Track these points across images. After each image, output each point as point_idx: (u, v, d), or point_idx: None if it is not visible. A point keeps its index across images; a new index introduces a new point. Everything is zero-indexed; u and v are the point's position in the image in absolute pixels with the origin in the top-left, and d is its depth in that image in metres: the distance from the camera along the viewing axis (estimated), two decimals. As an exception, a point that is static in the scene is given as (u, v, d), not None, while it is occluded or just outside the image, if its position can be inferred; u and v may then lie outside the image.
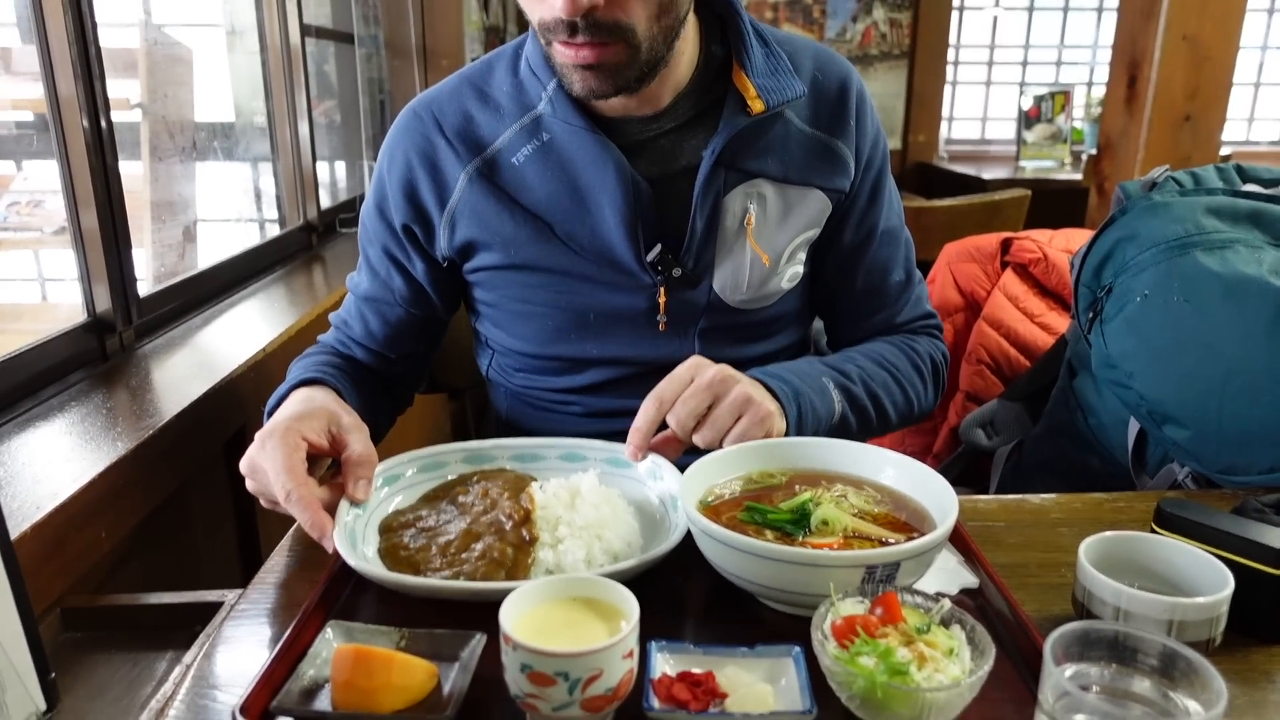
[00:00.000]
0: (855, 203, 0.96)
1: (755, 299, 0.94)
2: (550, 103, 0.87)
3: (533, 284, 0.92)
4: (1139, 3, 2.29)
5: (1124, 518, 0.84)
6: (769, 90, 0.87)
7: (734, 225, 0.91)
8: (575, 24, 0.76)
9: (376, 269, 0.98)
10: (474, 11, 3.31)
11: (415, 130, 0.92)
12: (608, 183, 0.87)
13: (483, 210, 0.90)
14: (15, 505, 0.73)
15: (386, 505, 0.76)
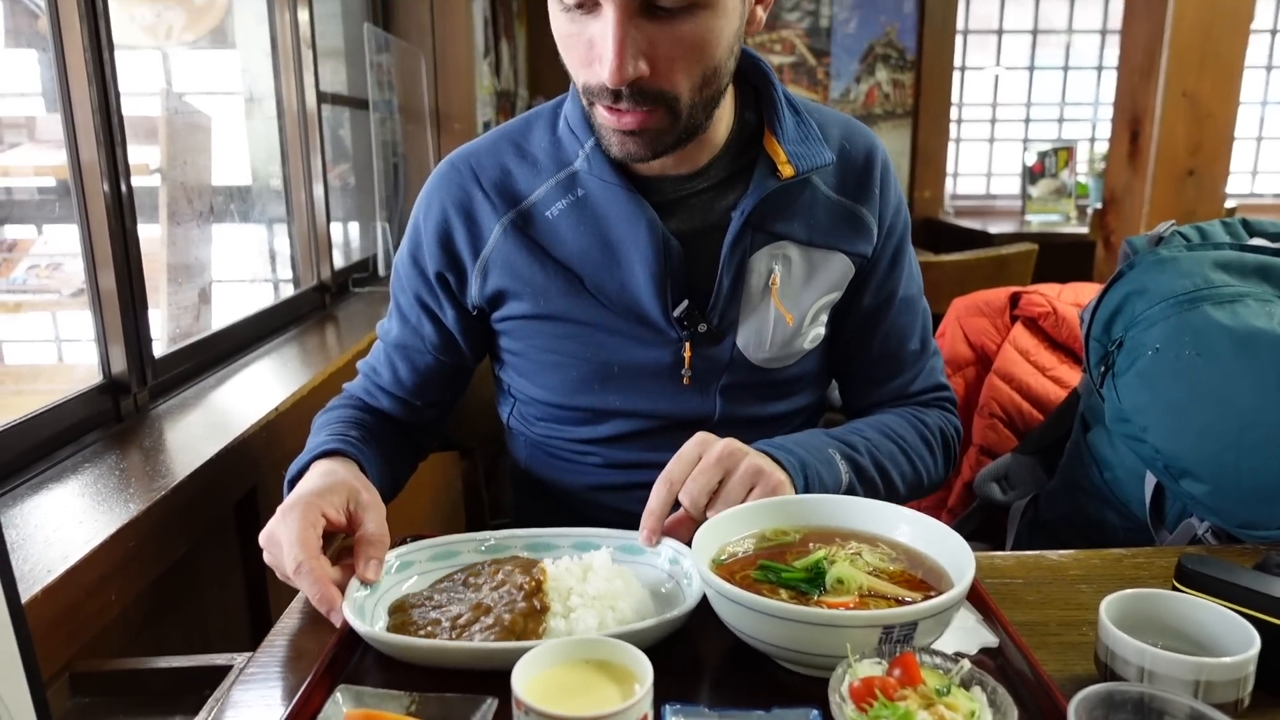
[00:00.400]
0: (876, 268, 0.99)
1: (777, 358, 0.96)
2: (587, 160, 0.90)
3: (560, 334, 0.94)
4: (1138, 61, 2.33)
5: (1144, 574, 0.82)
6: (799, 156, 0.90)
7: (759, 285, 0.93)
8: (620, 91, 0.78)
9: (407, 316, 1.00)
10: (485, 77, 3.39)
11: (453, 181, 0.95)
12: (639, 239, 0.89)
13: (515, 260, 0.92)
14: (27, 568, 0.72)
15: (398, 589, 0.76)
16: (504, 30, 3.88)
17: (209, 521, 1.02)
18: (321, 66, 2.01)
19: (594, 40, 0.78)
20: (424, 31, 2.74)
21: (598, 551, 0.76)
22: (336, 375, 1.43)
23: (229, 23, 1.98)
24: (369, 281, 2.25)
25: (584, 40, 0.79)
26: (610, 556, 0.75)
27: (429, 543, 0.81)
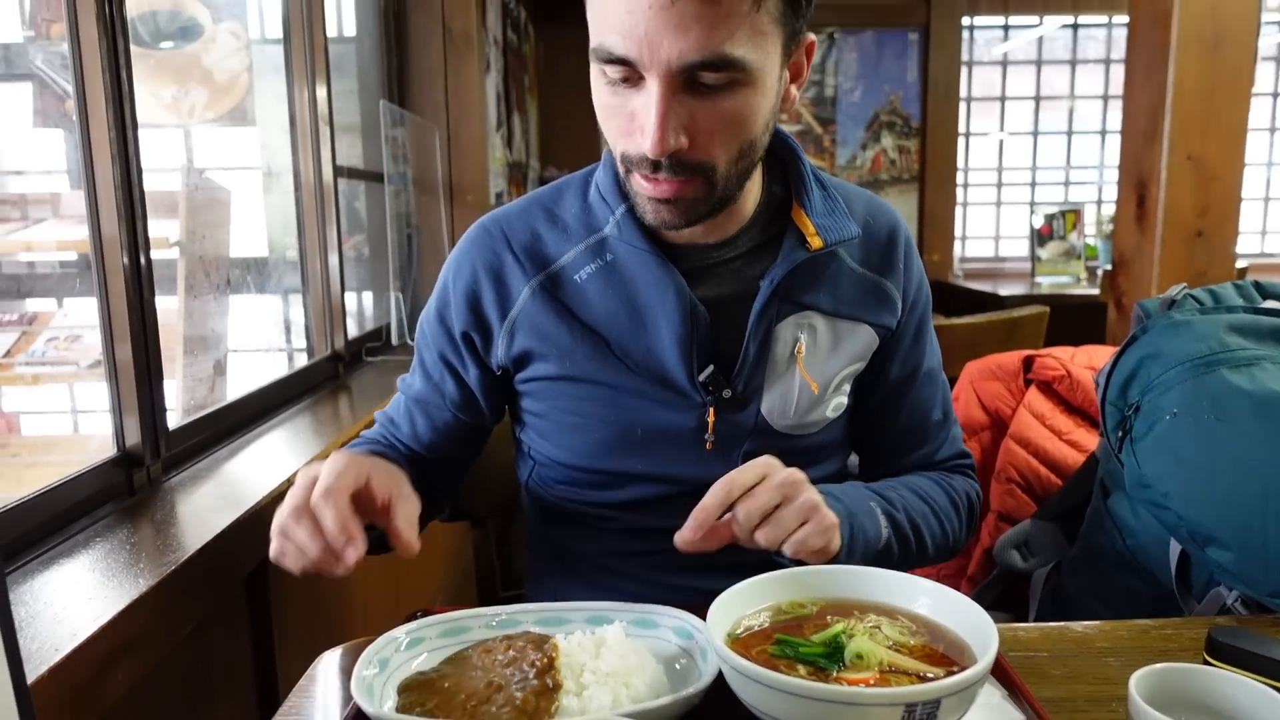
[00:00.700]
0: (901, 341, 1.01)
1: (801, 425, 0.97)
2: (618, 225, 0.92)
3: (583, 396, 0.95)
4: (1141, 126, 2.36)
5: (1173, 645, 0.80)
6: (827, 229, 0.92)
7: (785, 353, 0.94)
8: (660, 162, 0.80)
9: (430, 372, 1.02)
10: (498, 149, 3.46)
11: (484, 244, 0.97)
12: (667, 304, 0.91)
13: (542, 322, 0.94)
14: (34, 647, 0.71)
15: (407, 667, 0.74)
16: (516, 104, 3.98)
17: (219, 596, 1.01)
18: (338, 141, 2.06)
19: (636, 112, 0.80)
20: (439, 107, 2.81)
21: (611, 626, 0.75)
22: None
23: (249, 101, 2.04)
24: (382, 350, 2.27)
25: (625, 112, 0.81)
26: (624, 631, 0.74)
27: (439, 619, 0.79)
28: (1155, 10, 2.28)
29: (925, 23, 4.97)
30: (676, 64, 0.75)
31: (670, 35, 0.74)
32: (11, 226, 1.89)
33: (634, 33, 0.75)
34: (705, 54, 0.75)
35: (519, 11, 4.07)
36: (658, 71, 0.76)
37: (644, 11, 0.74)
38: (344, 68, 2.46)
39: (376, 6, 2.63)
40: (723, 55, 0.75)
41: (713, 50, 0.75)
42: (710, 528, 0.80)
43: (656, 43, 0.75)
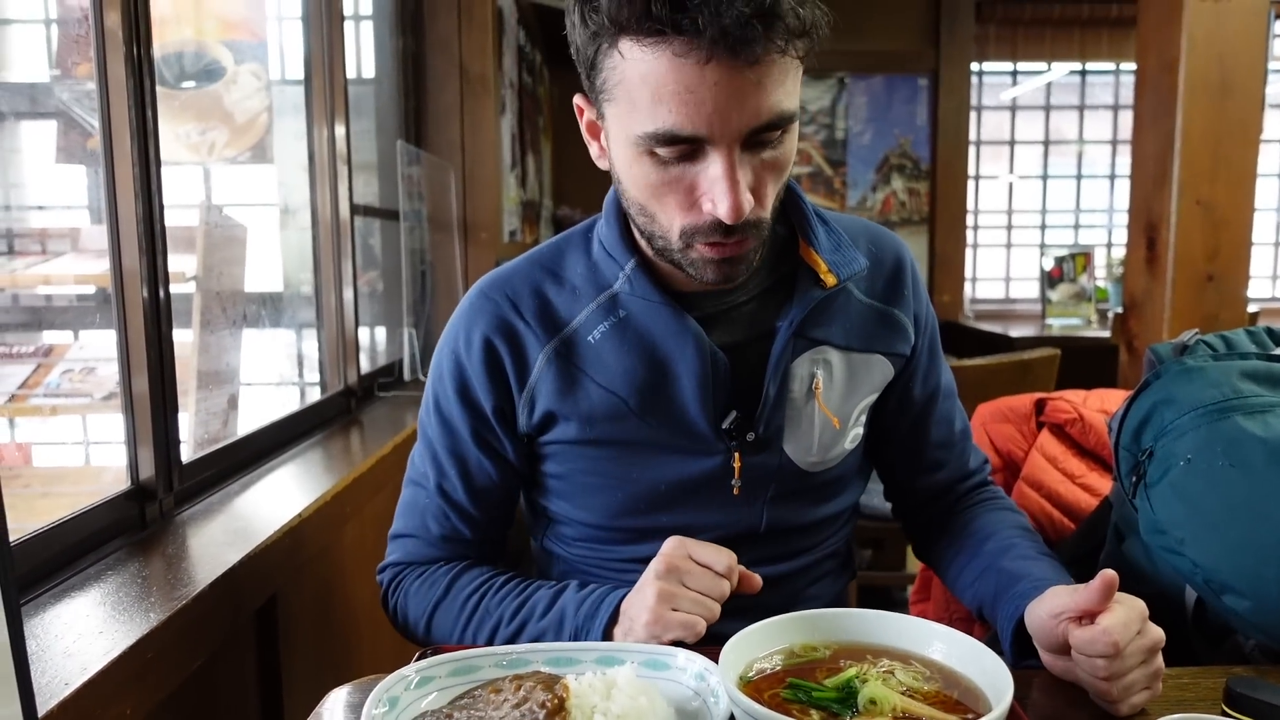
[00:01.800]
0: (919, 363, 1.03)
1: (824, 461, 0.97)
2: (628, 280, 0.91)
3: (605, 458, 0.94)
4: (1150, 171, 2.38)
5: (1190, 695, 0.79)
6: (838, 265, 0.93)
7: (802, 391, 0.94)
8: (733, 227, 0.80)
9: (467, 458, 0.97)
10: (512, 188, 3.50)
11: (489, 312, 0.94)
12: (686, 354, 0.90)
13: (560, 388, 0.92)
14: (44, 681, 0.71)
15: (417, 706, 0.74)
16: (530, 144, 4.03)
17: (228, 632, 1.01)
18: (355, 179, 2.09)
19: (697, 184, 0.80)
20: (454, 147, 2.85)
21: (622, 667, 0.74)
22: (360, 480, 1.44)
23: (268, 139, 2.07)
24: (394, 386, 2.28)
25: (684, 186, 0.80)
26: (635, 672, 0.73)
27: (449, 657, 0.79)
28: (1163, 58, 2.31)
29: (935, 68, 5.03)
30: (745, 131, 0.77)
31: (738, 107, 0.75)
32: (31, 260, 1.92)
33: (701, 111, 0.75)
34: (770, 116, 0.77)
35: (534, 55, 4.15)
36: (727, 142, 0.77)
37: (709, 89, 0.74)
38: (362, 108, 2.50)
39: (395, 49, 2.68)
40: (782, 113, 0.78)
41: (774, 111, 0.77)
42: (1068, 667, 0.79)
43: (726, 116, 0.75)
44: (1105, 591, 0.75)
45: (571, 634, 0.87)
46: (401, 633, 1.02)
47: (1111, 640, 0.73)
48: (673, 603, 0.80)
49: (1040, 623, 0.80)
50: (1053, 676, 0.82)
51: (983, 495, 1.08)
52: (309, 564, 1.27)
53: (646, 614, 0.81)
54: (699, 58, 0.73)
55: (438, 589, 0.97)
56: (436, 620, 0.96)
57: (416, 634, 0.99)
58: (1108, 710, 0.75)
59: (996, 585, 0.92)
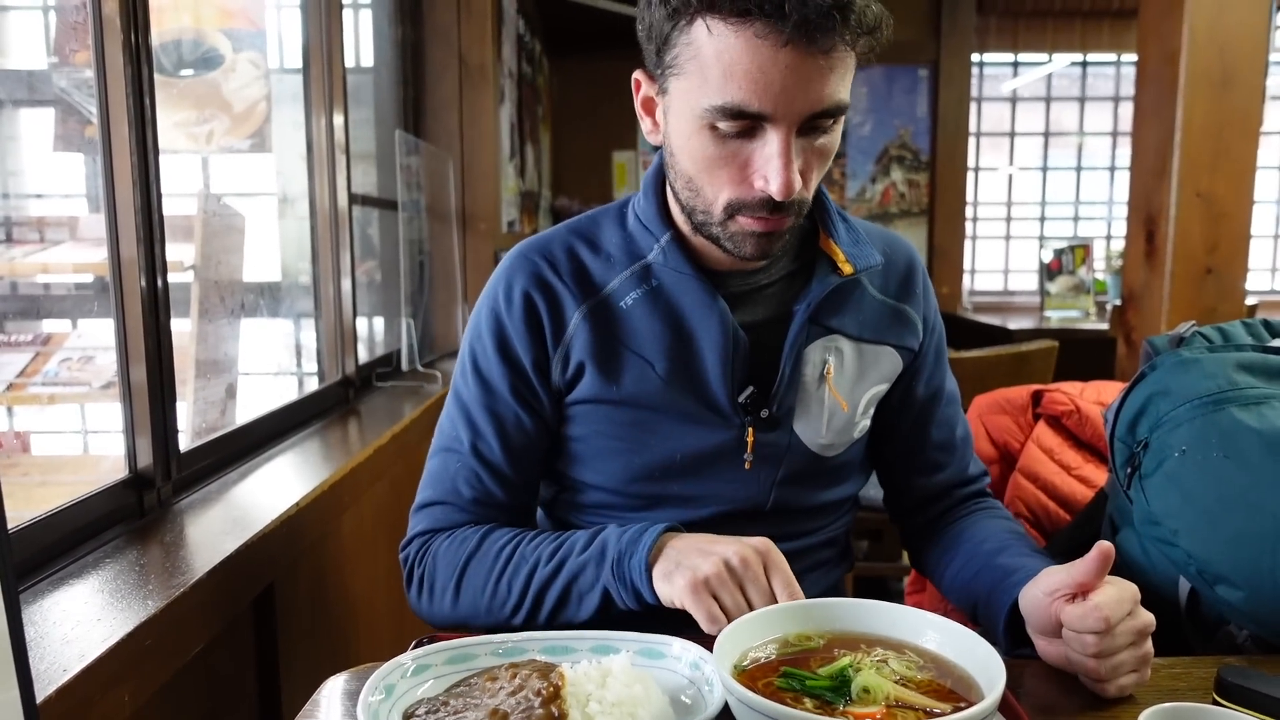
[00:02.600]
0: (924, 362, 1.06)
1: (832, 445, 1.00)
2: (663, 252, 0.95)
3: (627, 421, 0.97)
4: (1150, 163, 2.38)
5: (1182, 684, 0.79)
6: (855, 256, 0.98)
7: (814, 375, 0.98)
8: (780, 204, 0.85)
9: (505, 418, 0.98)
10: (510, 179, 3.50)
11: (528, 270, 0.98)
12: (711, 328, 0.94)
13: (592, 347, 0.96)
14: (43, 667, 0.72)
15: (413, 694, 0.74)
16: (529, 134, 4.02)
17: (226, 619, 1.01)
18: (354, 169, 2.09)
19: (751, 160, 0.84)
20: (453, 137, 2.85)
21: (617, 655, 0.74)
22: (358, 470, 1.44)
23: (266, 128, 2.07)
24: (392, 376, 2.28)
25: (738, 161, 0.85)
26: (630, 661, 0.74)
27: (445, 645, 0.79)
28: (1164, 50, 2.31)
29: (935, 59, 5.02)
30: (806, 114, 0.81)
31: (804, 89, 0.80)
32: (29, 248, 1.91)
33: (769, 89, 0.80)
34: (829, 104, 0.82)
35: (534, 44, 4.13)
36: (787, 123, 0.82)
37: (779, 69, 0.79)
38: (361, 97, 2.50)
39: (394, 38, 2.67)
40: (839, 102, 0.83)
41: (834, 99, 0.82)
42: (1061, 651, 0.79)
43: (791, 97, 0.80)
44: (1100, 564, 0.76)
45: (614, 561, 0.87)
46: (426, 613, 0.98)
47: (1102, 615, 0.73)
48: (720, 589, 0.80)
49: (1035, 602, 0.81)
50: (1046, 665, 0.82)
51: (980, 504, 1.10)
52: (306, 553, 1.27)
53: (692, 578, 0.80)
54: (778, 40, 0.78)
55: (469, 545, 0.95)
56: (468, 577, 0.94)
57: (444, 603, 0.96)
58: (1095, 691, 0.76)
59: (991, 580, 0.94)
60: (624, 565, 0.87)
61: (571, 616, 0.91)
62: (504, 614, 0.93)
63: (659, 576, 0.84)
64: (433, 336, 2.76)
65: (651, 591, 0.84)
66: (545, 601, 0.91)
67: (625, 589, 0.87)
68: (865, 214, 5.03)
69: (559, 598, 0.90)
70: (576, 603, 0.90)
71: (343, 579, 1.45)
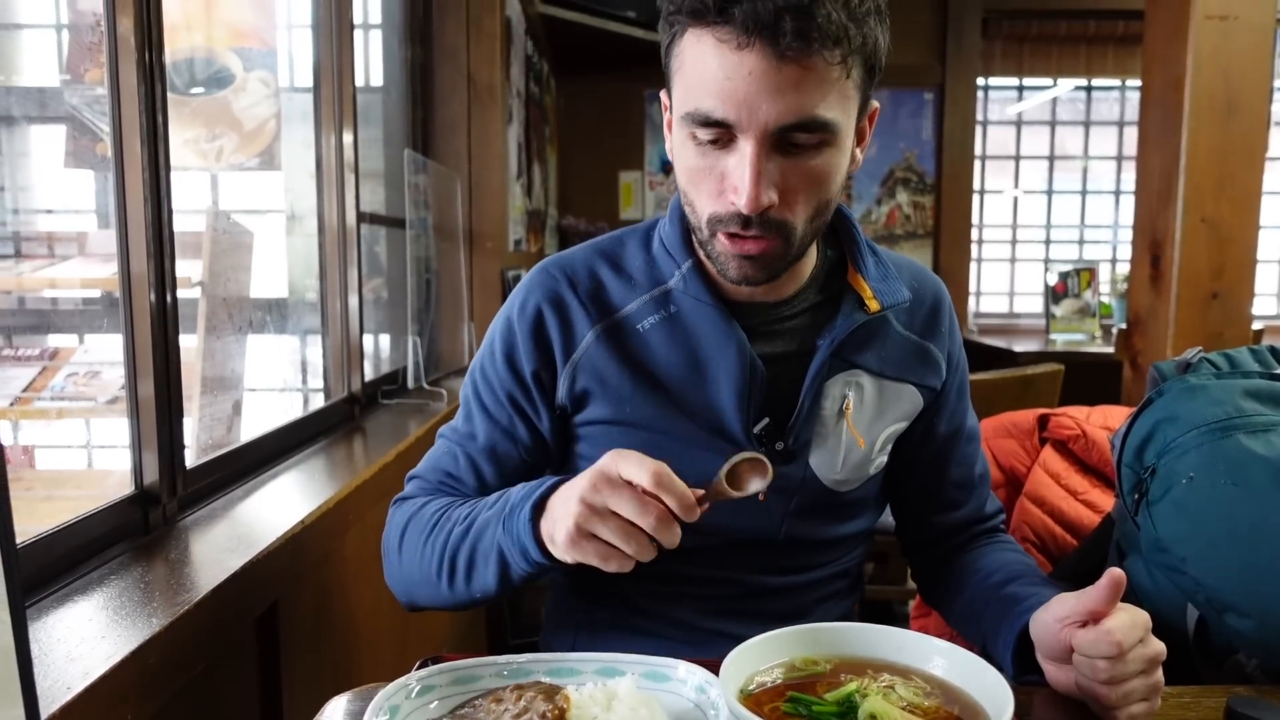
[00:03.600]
0: (947, 399, 1.06)
1: (847, 480, 0.99)
2: (683, 279, 0.95)
3: (637, 443, 0.94)
4: (1155, 187, 2.38)
5: (1191, 715, 0.79)
6: (883, 293, 0.97)
7: (832, 410, 0.97)
8: (750, 219, 0.83)
9: (497, 418, 1.00)
10: (518, 197, 3.51)
11: (547, 285, 0.99)
12: (728, 358, 0.93)
13: (603, 367, 0.96)
14: (46, 685, 0.72)
15: (418, 715, 0.74)
16: (536, 154, 4.04)
17: (229, 638, 1.01)
18: (362, 187, 2.10)
19: (727, 172, 0.84)
20: (460, 156, 2.86)
21: (622, 678, 0.74)
22: (363, 487, 1.44)
23: (276, 146, 2.08)
24: (398, 394, 2.28)
25: (716, 173, 0.85)
26: (635, 684, 0.73)
27: (450, 666, 0.79)
28: (1168, 76, 2.32)
29: (941, 83, 5.05)
30: (773, 126, 0.80)
31: (769, 99, 0.79)
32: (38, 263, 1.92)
33: (734, 97, 0.79)
34: (801, 116, 0.80)
35: (541, 65, 4.16)
36: (754, 133, 0.80)
37: (744, 78, 0.78)
38: (370, 116, 2.52)
39: (403, 59, 2.70)
40: (815, 117, 0.80)
41: (807, 113, 0.80)
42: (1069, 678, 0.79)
43: (755, 106, 0.79)
44: (1111, 591, 0.76)
45: (505, 514, 0.86)
46: (386, 578, 1.00)
47: (1115, 640, 0.73)
48: (592, 526, 0.77)
49: (1045, 628, 0.81)
50: (1054, 692, 0.82)
51: (993, 539, 1.09)
52: (311, 571, 1.27)
53: (564, 531, 0.78)
54: (738, 44, 0.78)
55: (414, 508, 0.99)
56: (406, 541, 0.96)
57: (392, 567, 0.98)
58: (1104, 719, 0.75)
59: (1001, 609, 0.93)
60: (513, 521, 0.85)
61: (483, 584, 0.89)
62: (432, 578, 0.93)
63: (545, 539, 0.82)
64: (439, 354, 2.76)
65: (540, 551, 0.82)
66: (459, 566, 0.90)
67: (515, 548, 0.85)
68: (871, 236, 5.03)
69: (468, 561, 0.89)
70: (483, 565, 0.88)
71: (346, 597, 1.44)
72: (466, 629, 2.09)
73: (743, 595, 1.00)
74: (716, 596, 1.00)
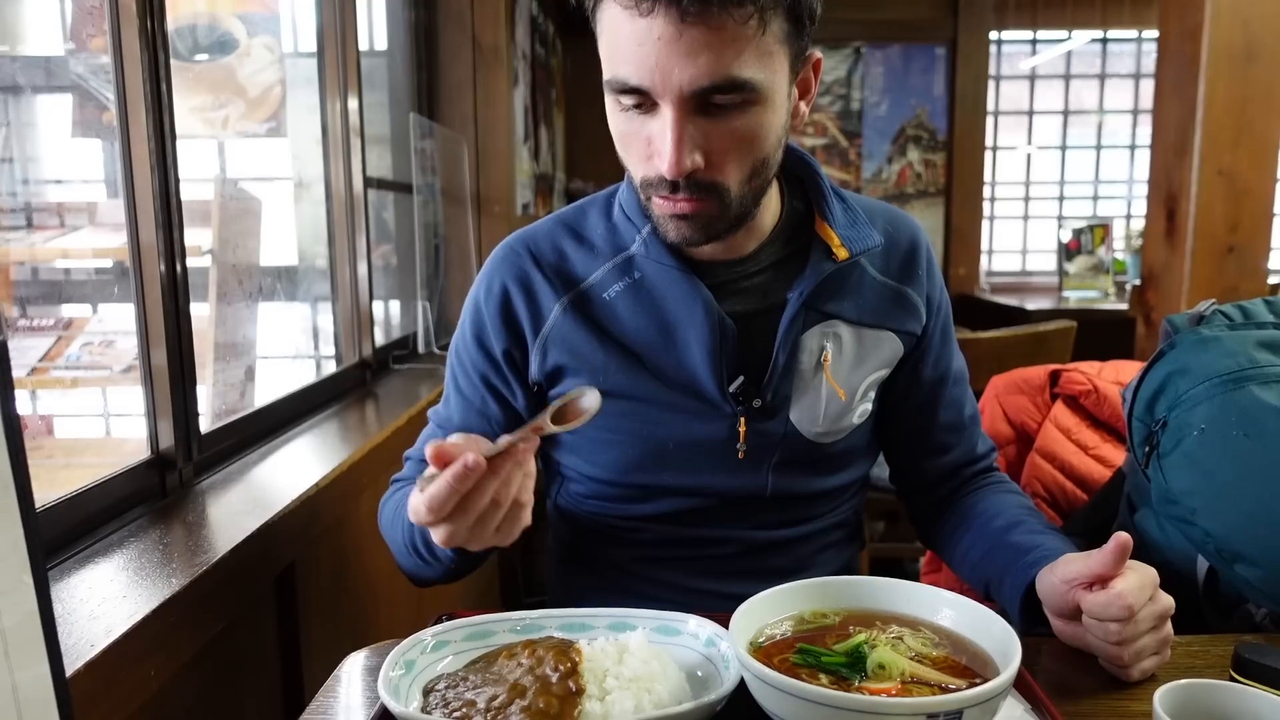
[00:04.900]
0: (930, 344, 1.04)
1: (830, 432, 0.98)
2: (644, 244, 0.94)
3: (615, 413, 0.96)
4: (1171, 140, 2.34)
5: (1199, 662, 0.79)
6: (851, 240, 0.95)
7: (811, 362, 0.96)
8: (677, 183, 0.82)
9: (470, 399, 1.01)
10: (525, 161, 3.49)
11: (512, 262, 0.99)
12: (696, 318, 0.92)
13: (573, 339, 0.95)
14: (70, 642, 0.73)
15: (432, 669, 0.75)
16: (543, 116, 4.01)
17: (247, 597, 1.03)
18: (368, 153, 2.09)
19: (652, 137, 0.82)
20: (467, 120, 2.84)
21: (634, 632, 0.75)
22: (376, 451, 1.45)
23: (281, 112, 2.07)
24: (409, 359, 2.29)
25: (642, 137, 0.83)
26: (646, 637, 0.74)
27: (463, 622, 0.80)
28: (1186, 24, 2.27)
29: (952, 37, 4.96)
30: (688, 89, 0.78)
31: (680, 63, 0.77)
32: (50, 234, 1.93)
33: (645, 63, 0.78)
34: (715, 78, 0.77)
35: (546, 26, 4.11)
36: (670, 98, 0.79)
37: (654, 43, 0.77)
38: (375, 81, 2.50)
39: (407, 21, 2.67)
40: (731, 78, 0.78)
41: (722, 74, 0.77)
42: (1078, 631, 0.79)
43: (668, 71, 0.77)
44: (1119, 554, 0.76)
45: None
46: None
47: (1126, 604, 0.74)
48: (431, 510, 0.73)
49: (1052, 588, 0.81)
50: (1061, 643, 0.82)
51: (988, 479, 1.09)
52: (326, 533, 1.29)
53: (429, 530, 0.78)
54: (642, 10, 0.76)
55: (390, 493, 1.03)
56: (387, 527, 1.00)
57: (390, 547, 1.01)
58: (1117, 675, 0.76)
59: (1005, 558, 0.93)
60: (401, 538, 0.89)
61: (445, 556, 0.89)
62: (410, 558, 0.95)
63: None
64: (448, 319, 2.77)
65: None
66: (419, 547, 0.91)
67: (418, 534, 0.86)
68: (881, 194, 5.00)
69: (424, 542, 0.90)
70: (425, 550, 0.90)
71: (362, 558, 1.46)
72: (484, 587, 2.11)
73: (739, 554, 1.01)
74: (713, 556, 1.01)
